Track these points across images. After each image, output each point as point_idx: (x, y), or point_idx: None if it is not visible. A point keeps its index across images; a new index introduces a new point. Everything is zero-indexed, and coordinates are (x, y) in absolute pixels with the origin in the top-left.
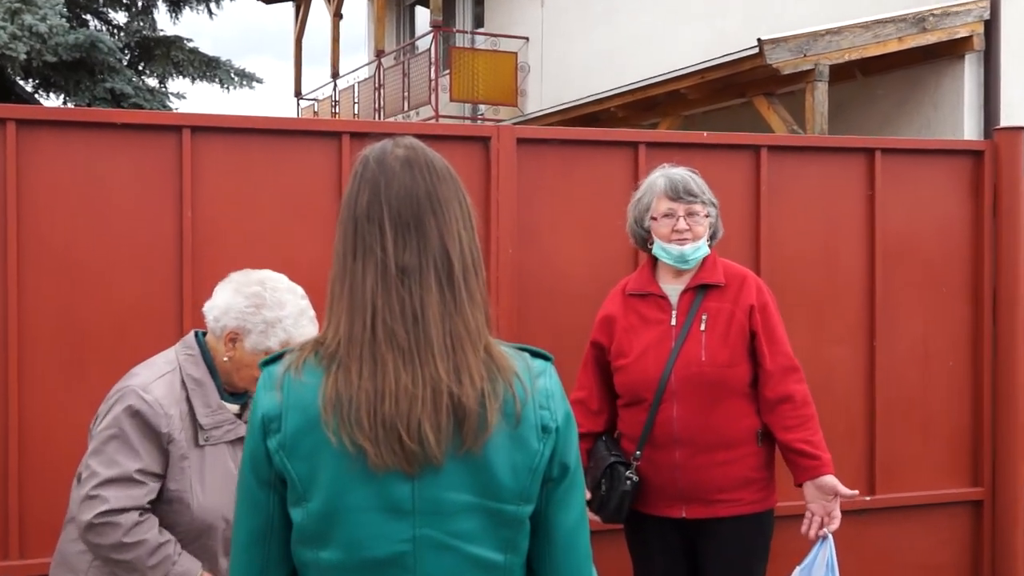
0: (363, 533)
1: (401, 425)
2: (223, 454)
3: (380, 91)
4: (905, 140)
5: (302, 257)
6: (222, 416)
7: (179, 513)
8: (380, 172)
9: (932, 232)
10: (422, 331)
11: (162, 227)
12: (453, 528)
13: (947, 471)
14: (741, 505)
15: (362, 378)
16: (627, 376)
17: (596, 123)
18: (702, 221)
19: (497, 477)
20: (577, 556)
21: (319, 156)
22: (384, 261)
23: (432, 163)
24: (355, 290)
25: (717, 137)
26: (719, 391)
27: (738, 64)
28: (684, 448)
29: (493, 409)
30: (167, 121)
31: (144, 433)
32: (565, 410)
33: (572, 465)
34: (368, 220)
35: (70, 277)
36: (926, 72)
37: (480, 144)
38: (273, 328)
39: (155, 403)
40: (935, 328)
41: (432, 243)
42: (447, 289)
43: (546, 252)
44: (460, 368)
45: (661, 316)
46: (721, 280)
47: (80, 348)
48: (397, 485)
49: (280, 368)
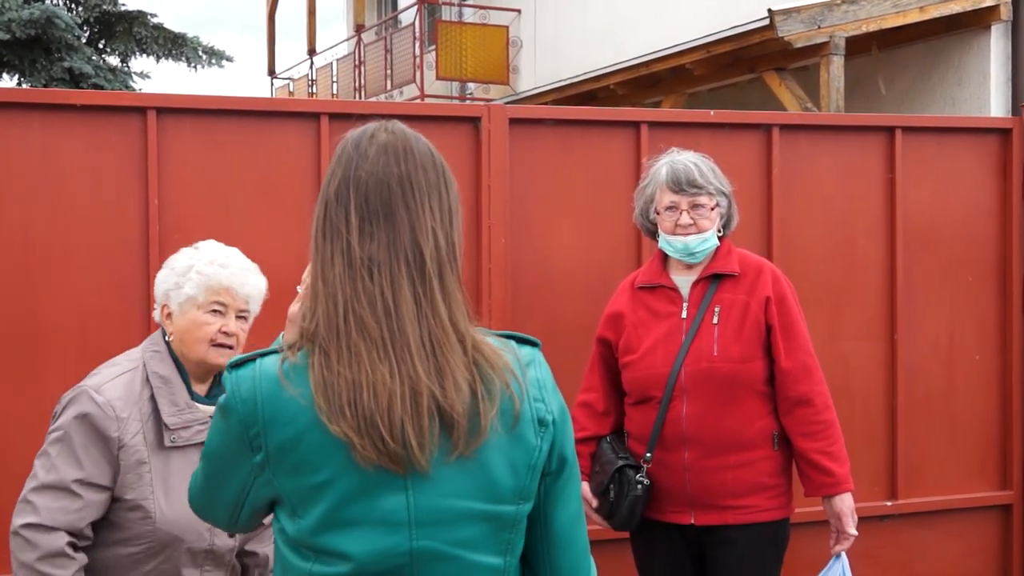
0: (357, 548)
1: (382, 421)
2: (193, 456)
3: (360, 69)
4: (928, 118)
5: (277, 246)
6: (191, 415)
7: (141, 523)
8: (356, 154)
9: (957, 217)
10: (396, 326)
11: (126, 216)
12: (453, 537)
13: (974, 473)
14: (754, 512)
15: (340, 365)
16: (635, 373)
17: (594, 102)
18: (708, 213)
19: (496, 478)
20: (575, 551)
21: (296, 139)
22: (349, 249)
23: (412, 150)
24: (325, 274)
25: (725, 116)
26: (732, 388)
27: (747, 37)
28: (693, 449)
29: (488, 413)
30: (131, 102)
31: (91, 438)
32: (559, 401)
33: (569, 457)
34: (336, 203)
35: (25, 272)
36: (950, 44)
37: (470, 125)
38: (187, 275)
39: (106, 405)
40: (960, 320)
41: (402, 236)
42: (419, 285)
43: (541, 241)
44: (443, 371)
45: (671, 309)
46: (735, 269)
47: (36, 350)
48: (391, 495)
49: (251, 372)
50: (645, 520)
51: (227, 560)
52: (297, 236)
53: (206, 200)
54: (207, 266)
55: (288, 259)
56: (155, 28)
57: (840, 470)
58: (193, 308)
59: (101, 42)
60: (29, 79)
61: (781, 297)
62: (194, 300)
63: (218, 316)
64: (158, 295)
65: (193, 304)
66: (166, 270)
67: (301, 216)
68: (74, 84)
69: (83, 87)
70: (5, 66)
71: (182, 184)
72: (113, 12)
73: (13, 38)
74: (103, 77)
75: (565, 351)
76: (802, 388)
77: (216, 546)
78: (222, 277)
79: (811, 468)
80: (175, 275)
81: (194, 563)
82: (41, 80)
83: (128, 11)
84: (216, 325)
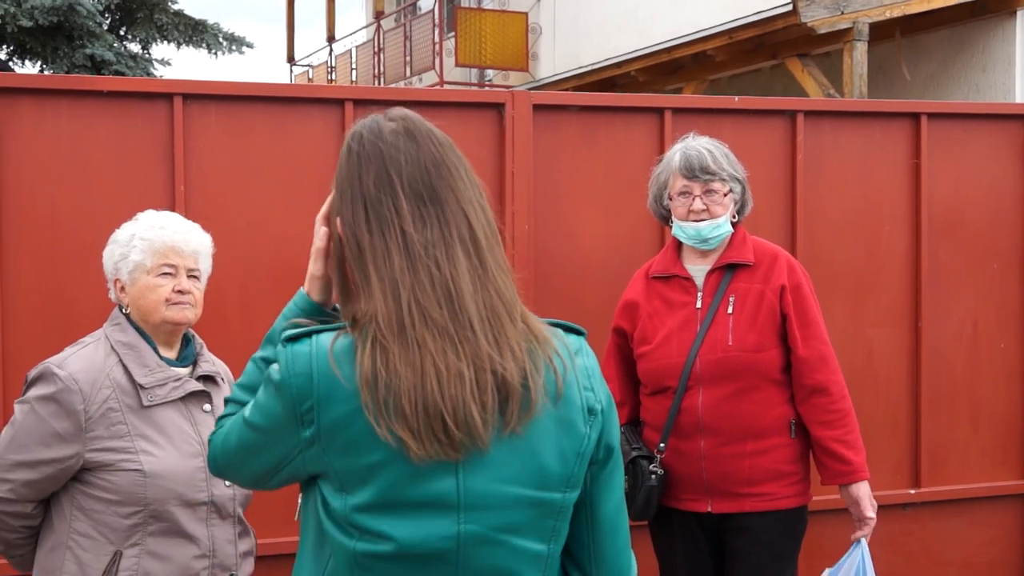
0: (405, 531)
1: (446, 410)
2: (174, 413)
3: (380, 56)
4: (953, 104)
5: (300, 231)
6: (164, 374)
7: (134, 484)
8: (381, 145)
9: (982, 203)
10: (458, 306)
11: (153, 201)
12: (500, 522)
13: (997, 462)
14: (771, 500)
15: (401, 362)
16: (650, 363)
17: (614, 88)
18: (721, 199)
19: (545, 464)
20: (619, 540)
21: (320, 125)
22: (405, 238)
23: (431, 131)
24: (380, 269)
25: (749, 102)
26: (748, 377)
27: (770, 23)
28: (710, 437)
29: (537, 387)
30: (158, 88)
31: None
32: (606, 390)
33: (616, 447)
34: (379, 196)
35: (54, 256)
36: (974, 30)
37: (494, 111)
38: (130, 243)
39: (68, 378)
40: (985, 307)
41: (452, 213)
42: (475, 258)
43: (564, 227)
44: (500, 342)
45: (686, 299)
46: (750, 259)
47: (64, 330)
48: (441, 478)
49: (308, 348)
50: (662, 508)
51: (230, 511)
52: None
53: (231, 186)
54: (147, 231)
55: (309, 241)
56: (176, 15)
57: (856, 459)
58: (143, 274)
59: (122, 29)
60: (51, 66)
61: (796, 286)
62: (142, 266)
63: (169, 278)
64: (108, 271)
65: (142, 270)
66: (111, 245)
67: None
68: (95, 71)
69: (105, 74)
70: (28, 53)
71: (207, 170)
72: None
73: (36, 25)
74: (124, 64)
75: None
76: (819, 377)
77: (216, 496)
78: (164, 237)
79: (828, 457)
80: (119, 246)
81: (197, 517)
82: (63, 67)
83: None
84: (168, 286)
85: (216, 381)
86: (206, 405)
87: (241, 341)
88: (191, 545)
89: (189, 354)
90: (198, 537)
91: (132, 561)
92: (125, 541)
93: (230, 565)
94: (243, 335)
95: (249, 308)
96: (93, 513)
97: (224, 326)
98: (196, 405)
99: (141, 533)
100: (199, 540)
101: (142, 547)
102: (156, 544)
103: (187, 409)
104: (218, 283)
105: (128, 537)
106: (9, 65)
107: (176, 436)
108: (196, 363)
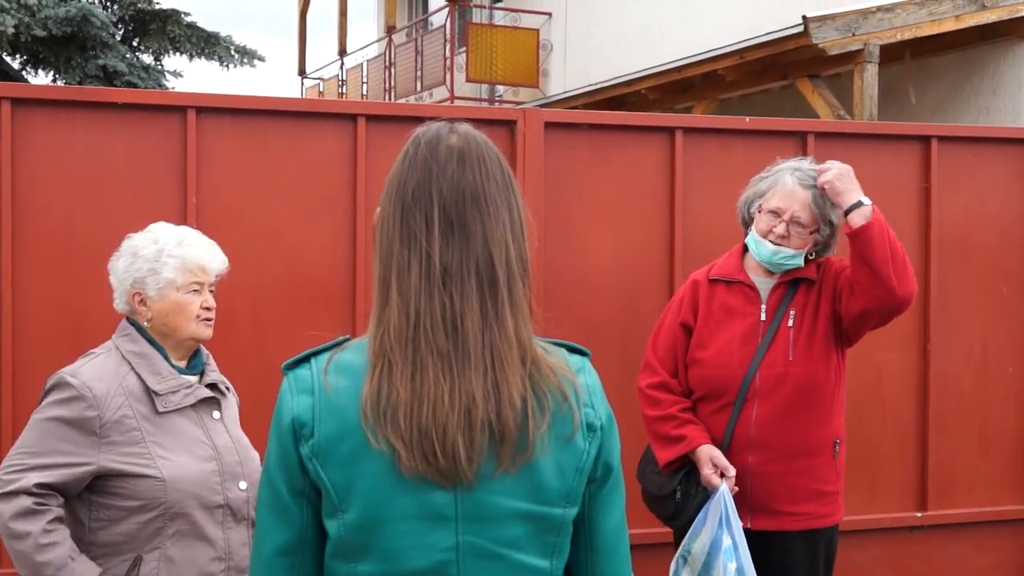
0: (403, 543)
1: (436, 436)
2: (186, 419)
3: (391, 70)
4: (964, 127)
5: (313, 244)
6: (176, 381)
7: (152, 489)
8: (432, 158)
9: (992, 227)
10: (460, 341)
11: (165, 213)
12: (499, 535)
13: (1006, 486)
14: (809, 519)
15: (404, 378)
16: (706, 371)
17: (624, 106)
18: (805, 235)
19: (544, 479)
20: (619, 559)
21: (333, 140)
22: (429, 257)
23: (484, 158)
24: (402, 283)
25: (760, 123)
26: (803, 394)
27: (781, 43)
28: (759, 453)
29: (537, 430)
30: (172, 101)
31: (69, 424)
32: (607, 408)
33: (615, 466)
34: (415, 208)
35: (68, 266)
36: (984, 53)
37: (505, 128)
38: (160, 260)
39: (82, 387)
40: (994, 331)
41: (475, 246)
42: (488, 298)
43: (575, 244)
44: (499, 385)
45: (749, 308)
46: (813, 276)
47: (77, 340)
48: (438, 491)
49: (307, 371)
50: None
51: (245, 514)
52: (333, 235)
53: (243, 198)
54: (177, 248)
55: (323, 258)
56: (188, 27)
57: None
58: (173, 291)
59: (135, 40)
60: (64, 76)
61: (843, 267)
62: (173, 283)
63: (196, 295)
64: (123, 284)
65: (173, 287)
66: (129, 258)
67: (336, 216)
68: (108, 82)
69: (117, 85)
70: (41, 63)
71: (220, 182)
72: (147, 10)
73: (49, 35)
74: (136, 75)
75: (598, 353)
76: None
77: (231, 499)
78: (196, 256)
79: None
80: (146, 262)
81: (213, 520)
82: (76, 77)
83: (162, 9)
84: (197, 303)
85: (221, 390)
86: (215, 412)
87: (252, 352)
88: (208, 548)
89: (198, 363)
90: (215, 539)
91: (152, 566)
92: (145, 546)
93: (245, 568)
94: (254, 346)
95: (260, 320)
96: (112, 522)
97: (235, 337)
98: (206, 412)
99: (160, 537)
100: (216, 542)
101: (162, 551)
102: (175, 548)
103: (198, 416)
104: (229, 295)
105: (148, 542)
106: (22, 75)
107: (190, 441)
108: (203, 372)
